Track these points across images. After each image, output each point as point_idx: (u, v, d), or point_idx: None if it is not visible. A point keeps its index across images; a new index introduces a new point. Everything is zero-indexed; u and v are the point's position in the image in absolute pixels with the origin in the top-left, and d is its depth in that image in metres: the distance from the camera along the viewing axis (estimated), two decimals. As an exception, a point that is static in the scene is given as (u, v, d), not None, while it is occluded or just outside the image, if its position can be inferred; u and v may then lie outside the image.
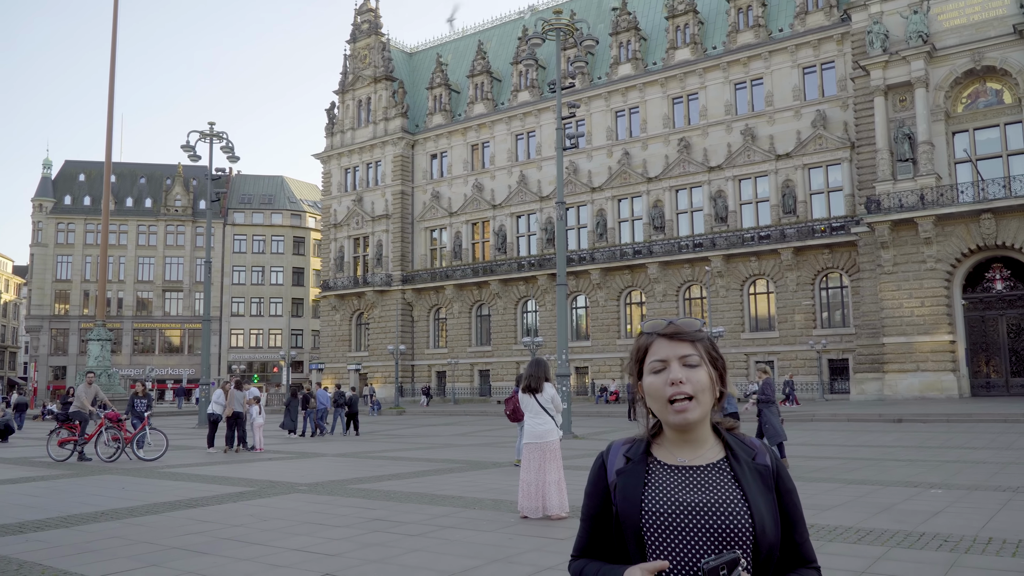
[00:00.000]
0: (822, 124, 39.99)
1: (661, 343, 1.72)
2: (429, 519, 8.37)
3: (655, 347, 1.72)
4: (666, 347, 1.71)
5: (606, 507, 1.73)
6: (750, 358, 41.60)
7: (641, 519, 1.66)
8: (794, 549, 1.71)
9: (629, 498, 1.68)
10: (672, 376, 1.67)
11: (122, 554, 6.86)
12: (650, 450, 1.76)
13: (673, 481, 1.68)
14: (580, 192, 47.47)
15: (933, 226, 33.52)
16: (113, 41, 33.60)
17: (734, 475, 1.68)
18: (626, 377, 29.37)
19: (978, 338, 34.39)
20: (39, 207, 72.41)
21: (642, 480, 1.70)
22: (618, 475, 1.73)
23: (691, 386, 1.66)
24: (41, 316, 71.15)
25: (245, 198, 75.93)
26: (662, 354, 1.70)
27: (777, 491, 1.71)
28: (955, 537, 6.73)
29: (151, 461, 15.43)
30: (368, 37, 58.23)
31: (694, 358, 1.69)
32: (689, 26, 45.23)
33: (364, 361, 55.93)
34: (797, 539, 1.71)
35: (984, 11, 34.33)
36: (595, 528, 1.75)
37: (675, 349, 1.70)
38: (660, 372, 1.69)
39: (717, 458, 1.71)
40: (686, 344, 1.70)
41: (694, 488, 1.66)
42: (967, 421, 22.15)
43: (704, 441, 1.73)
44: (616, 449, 1.79)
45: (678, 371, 1.67)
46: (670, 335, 1.72)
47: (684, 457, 1.72)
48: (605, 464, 1.78)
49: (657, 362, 1.70)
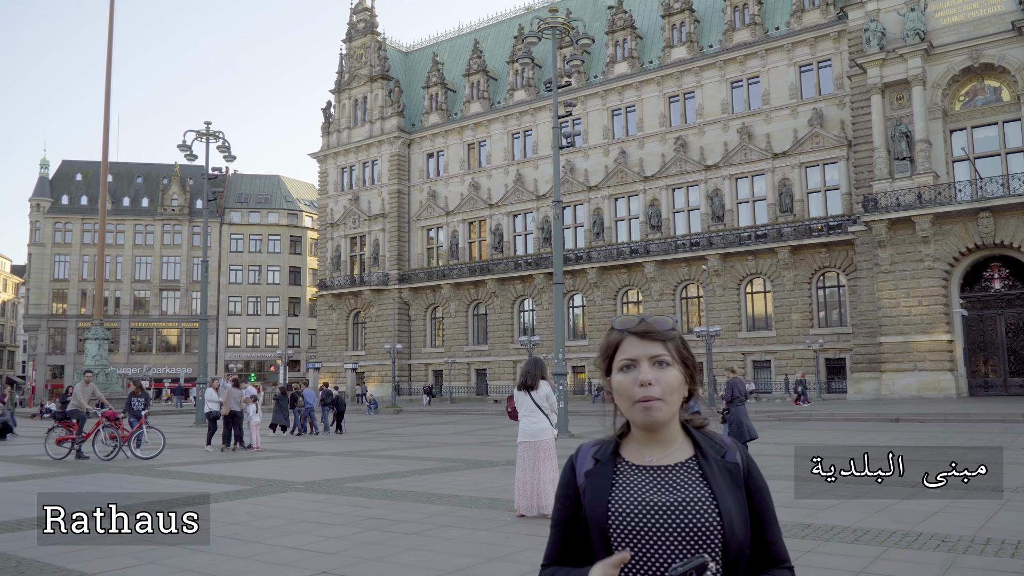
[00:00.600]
0: (819, 122, 40.01)
1: (632, 341, 1.69)
2: (426, 518, 8.37)
3: (625, 345, 1.69)
4: (637, 346, 1.68)
5: (576, 511, 1.69)
6: (747, 357, 41.63)
7: (608, 521, 1.63)
8: (765, 548, 1.68)
9: (596, 499, 1.65)
10: (641, 377, 1.64)
11: (120, 551, 6.84)
12: (619, 451, 1.73)
13: (641, 481, 1.66)
14: (577, 191, 47.47)
15: (931, 225, 33.53)
16: (109, 41, 33.52)
17: (703, 473, 1.65)
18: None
19: (976, 337, 34.41)
20: (36, 207, 72.27)
21: (609, 481, 1.67)
22: (586, 477, 1.70)
23: (660, 387, 1.64)
24: (39, 315, 71.04)
25: (242, 197, 75.85)
26: (632, 353, 1.67)
27: (747, 489, 1.68)
28: (953, 537, 6.73)
29: (148, 459, 15.42)
30: (364, 36, 58.17)
31: (665, 358, 1.66)
32: (685, 24, 45.22)
33: (361, 360, 55.90)
34: (769, 538, 1.68)
35: (982, 8, 34.34)
36: (566, 533, 1.71)
37: (646, 348, 1.67)
38: (629, 371, 1.67)
39: (686, 457, 1.69)
40: (657, 343, 1.67)
41: (662, 488, 1.64)
42: (965, 421, 22.16)
43: (673, 440, 1.70)
44: (585, 451, 1.76)
45: (648, 372, 1.65)
46: (641, 333, 1.69)
47: (652, 457, 1.69)
48: (574, 467, 1.74)
49: (627, 360, 1.67)
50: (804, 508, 8.41)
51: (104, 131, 32.23)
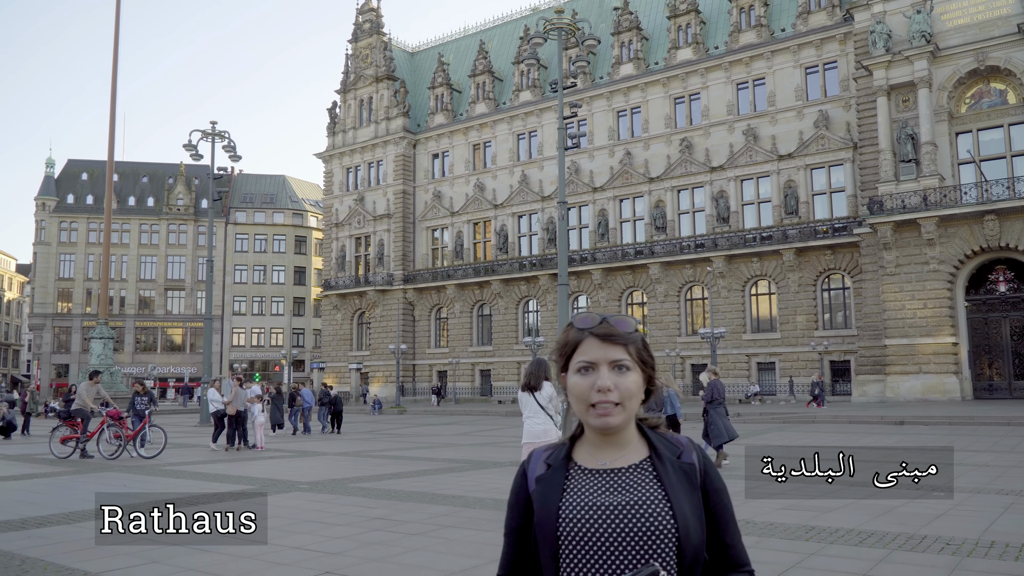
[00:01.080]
0: (824, 124, 39.94)
1: (592, 343, 1.61)
2: (430, 518, 8.37)
3: (585, 346, 1.61)
4: (596, 349, 1.60)
5: (528, 518, 1.63)
6: (751, 359, 41.56)
7: (558, 526, 1.56)
8: (724, 552, 1.62)
9: (547, 505, 1.59)
10: (600, 383, 1.57)
11: (123, 551, 6.85)
12: (572, 454, 1.66)
13: (592, 485, 1.59)
14: (582, 192, 47.45)
15: (936, 227, 33.45)
16: (115, 40, 33.59)
17: (657, 475, 1.59)
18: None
19: (981, 340, 34.31)
20: (42, 206, 72.49)
21: (561, 486, 1.60)
22: (537, 482, 1.63)
23: (618, 393, 1.57)
24: (44, 314, 71.26)
25: (247, 197, 75.99)
26: (591, 355, 1.60)
27: (704, 490, 1.62)
28: (957, 540, 6.71)
29: (151, 458, 15.45)
30: (370, 37, 58.25)
31: (626, 362, 1.59)
32: (691, 26, 45.20)
33: (365, 360, 55.94)
34: (727, 541, 1.63)
35: (988, 10, 34.25)
36: (519, 543, 1.64)
37: (606, 352, 1.59)
38: (587, 374, 1.59)
39: (640, 458, 1.63)
40: (618, 347, 1.60)
41: (613, 490, 1.58)
42: (969, 424, 22.09)
43: (627, 442, 1.64)
44: (537, 456, 1.69)
45: (607, 377, 1.57)
46: (603, 336, 1.60)
47: (606, 460, 1.62)
48: (526, 473, 1.68)
49: (585, 362, 1.60)
50: (807, 511, 8.40)
51: (110, 130, 32.30)
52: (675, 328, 43.82)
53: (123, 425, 16.14)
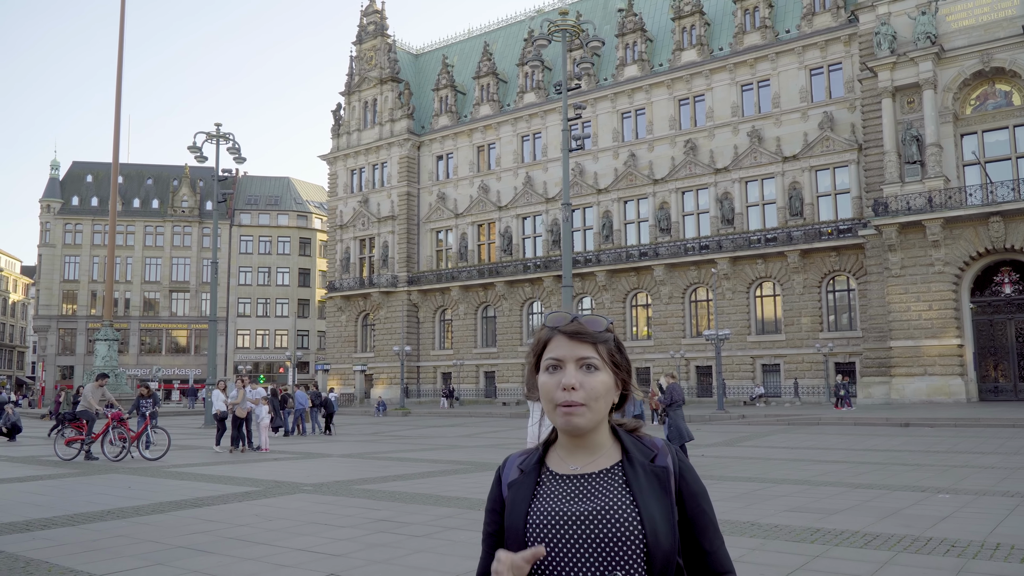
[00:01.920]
0: (829, 126, 39.88)
1: (560, 341, 1.58)
2: (434, 520, 8.37)
3: (553, 344, 1.59)
4: (565, 346, 1.58)
5: (503, 524, 1.61)
6: (756, 361, 41.49)
7: (526, 533, 1.55)
8: (703, 558, 1.58)
9: (516, 512, 1.57)
10: (565, 380, 1.54)
11: (127, 552, 6.87)
12: (545, 460, 1.64)
13: (561, 491, 1.57)
14: (586, 194, 47.44)
15: (941, 229, 33.37)
16: (120, 42, 33.69)
17: (626, 480, 1.55)
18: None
19: (986, 342, 34.20)
20: (47, 208, 72.70)
21: (531, 492, 1.58)
22: (510, 488, 1.62)
23: (583, 393, 1.54)
24: (49, 316, 71.44)
25: (252, 199, 76.12)
26: (559, 353, 1.57)
27: (680, 495, 1.58)
28: (963, 542, 6.69)
29: (155, 460, 15.48)
30: (374, 38, 58.32)
31: (594, 361, 1.56)
32: (695, 27, 45.16)
33: (370, 362, 55.98)
34: (706, 547, 1.58)
35: (993, 12, 34.17)
36: (495, 548, 1.62)
37: (574, 350, 1.57)
38: (555, 372, 1.57)
39: (611, 463, 1.59)
40: (587, 345, 1.57)
41: (580, 497, 1.55)
42: (975, 426, 22.04)
43: (599, 447, 1.60)
44: (512, 461, 1.68)
45: (572, 375, 1.54)
46: (571, 333, 1.58)
47: (577, 464, 1.59)
48: (501, 478, 1.66)
49: (553, 360, 1.58)
50: (813, 513, 8.38)
51: (115, 132, 32.36)
52: (679, 330, 43.76)
53: (126, 427, 16.18)
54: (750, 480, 11.31)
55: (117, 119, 32.69)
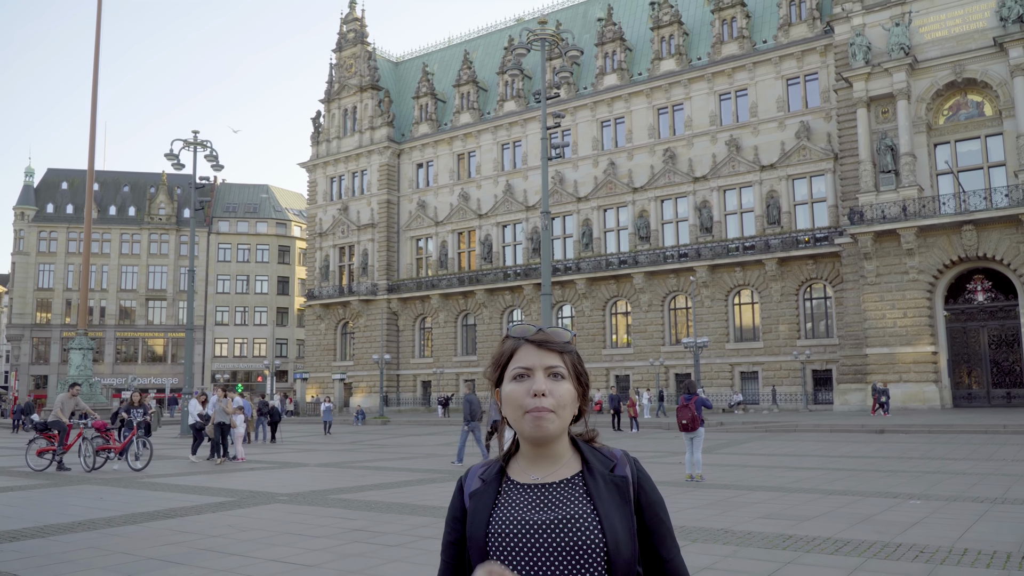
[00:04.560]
0: (806, 135, 40.30)
1: (528, 350, 1.62)
2: (409, 529, 8.35)
3: (521, 353, 1.63)
4: (533, 355, 1.61)
5: (464, 533, 1.63)
6: (735, 368, 41.72)
7: (487, 542, 1.57)
8: (660, 566, 1.61)
9: (477, 521, 1.59)
10: (536, 387, 1.57)
11: (98, 564, 6.79)
12: (507, 470, 1.66)
13: (522, 501, 1.59)
14: (566, 202, 47.58)
15: (915, 237, 33.79)
16: (96, 48, 33.41)
17: (587, 489, 1.58)
18: (605, 388, 28.81)
19: (960, 349, 34.63)
20: (21, 215, 71.84)
21: (492, 501, 1.61)
22: (471, 498, 1.64)
23: (553, 399, 1.57)
24: (22, 325, 70.49)
25: (230, 207, 75.64)
26: (527, 362, 1.61)
27: (638, 504, 1.61)
28: (931, 548, 6.78)
29: (139, 470, 15.30)
30: (354, 46, 58.26)
31: (561, 370, 1.60)
32: (674, 37, 45.50)
33: (349, 371, 55.70)
34: (663, 555, 1.61)
35: (965, 24, 34.73)
36: (455, 558, 1.65)
37: (542, 358, 1.61)
38: (523, 380, 1.60)
39: (572, 473, 1.62)
40: (554, 354, 1.61)
41: (542, 507, 1.57)
42: (948, 432, 22.29)
43: (560, 457, 1.63)
44: (474, 472, 1.70)
45: (542, 382, 1.58)
46: (539, 343, 1.62)
47: (538, 475, 1.62)
48: (463, 488, 1.68)
49: (521, 369, 1.61)
50: (787, 519, 8.44)
51: (90, 139, 32.00)
52: (659, 338, 43.94)
53: (110, 437, 16.01)
54: (726, 487, 11.37)
55: (93, 125, 32.35)
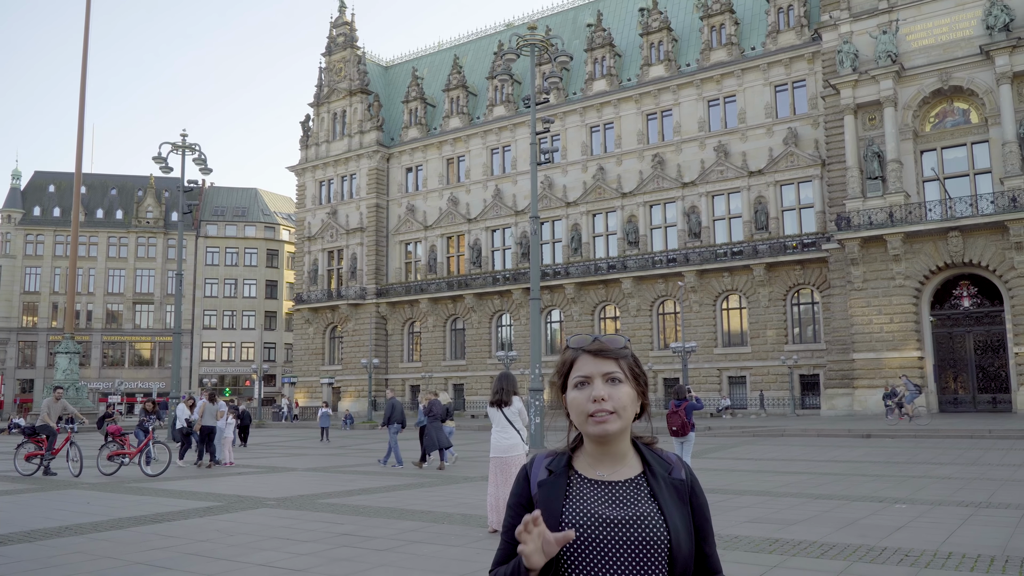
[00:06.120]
0: (794, 141, 40.54)
1: (586, 359, 1.76)
2: (398, 534, 8.35)
3: (580, 363, 1.76)
4: (590, 363, 1.75)
5: None
6: (723, 373, 41.87)
7: (560, 530, 1.68)
8: (704, 561, 1.77)
9: (550, 510, 1.71)
10: (595, 393, 1.71)
11: (84, 569, 6.77)
12: (572, 463, 1.79)
13: (592, 495, 1.72)
14: (555, 207, 47.67)
15: (902, 243, 34.03)
16: (84, 51, 33.31)
17: (651, 490, 1.73)
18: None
19: (946, 354, 34.87)
20: (7, 218, 71.35)
21: (563, 492, 1.73)
22: (539, 487, 1.76)
23: (612, 403, 1.71)
24: (8, 328, 69.98)
25: (218, 210, 75.38)
26: (586, 370, 1.74)
27: (692, 505, 1.76)
28: (916, 551, 6.83)
29: (155, 476, 15.16)
30: (344, 50, 58.23)
31: (618, 375, 1.73)
32: (663, 43, 45.71)
33: (338, 375, 55.56)
34: (707, 550, 1.77)
35: (952, 32, 35.05)
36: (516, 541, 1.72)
37: (599, 366, 1.74)
38: (583, 388, 1.73)
39: (635, 473, 1.76)
40: (610, 361, 1.74)
41: (612, 503, 1.71)
42: (934, 437, 22.44)
43: (623, 456, 1.77)
44: (539, 461, 1.82)
45: (601, 388, 1.71)
46: (595, 352, 1.76)
47: (603, 471, 1.76)
48: (528, 476, 1.80)
49: (581, 377, 1.74)
50: (774, 524, 8.49)
51: (78, 142, 31.89)
52: (648, 342, 44.04)
53: (125, 442, 16.00)
54: (714, 492, 11.42)
55: (80, 128, 32.23)
